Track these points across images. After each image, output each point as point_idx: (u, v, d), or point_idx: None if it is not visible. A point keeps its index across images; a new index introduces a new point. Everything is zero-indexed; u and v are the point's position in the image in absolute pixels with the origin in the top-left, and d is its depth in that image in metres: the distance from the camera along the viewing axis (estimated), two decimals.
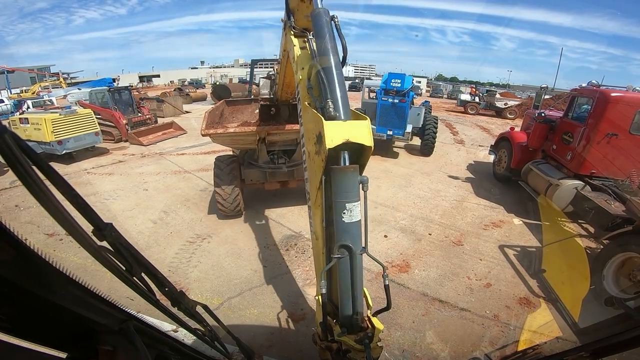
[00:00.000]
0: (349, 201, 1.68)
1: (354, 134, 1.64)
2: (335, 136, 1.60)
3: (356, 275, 1.79)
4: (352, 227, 1.71)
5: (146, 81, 60.96)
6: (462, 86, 45.77)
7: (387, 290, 1.84)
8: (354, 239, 1.73)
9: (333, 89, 1.81)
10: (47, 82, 31.41)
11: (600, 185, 5.58)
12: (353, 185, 1.68)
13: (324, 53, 1.91)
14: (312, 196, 1.96)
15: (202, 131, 5.02)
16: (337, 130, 1.62)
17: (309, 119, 1.90)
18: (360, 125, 1.68)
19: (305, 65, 2.15)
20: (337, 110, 1.76)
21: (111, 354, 0.80)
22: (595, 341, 1.11)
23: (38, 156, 0.56)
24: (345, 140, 1.61)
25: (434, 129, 10.58)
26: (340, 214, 1.69)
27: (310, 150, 1.88)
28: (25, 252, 0.55)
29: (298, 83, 2.25)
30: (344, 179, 1.67)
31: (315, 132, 1.74)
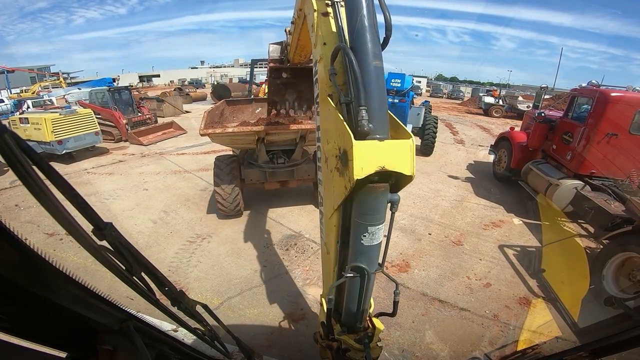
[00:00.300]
0: (372, 224, 1.43)
1: (393, 160, 1.29)
2: (367, 163, 1.26)
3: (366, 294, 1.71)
4: (371, 250, 1.52)
5: (146, 81, 60.94)
6: (462, 86, 45.41)
7: (396, 305, 1.82)
8: (370, 261, 1.56)
9: (370, 93, 1.35)
10: (47, 82, 31.38)
11: (600, 185, 5.58)
12: (381, 206, 1.42)
13: (359, 36, 1.40)
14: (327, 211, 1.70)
15: (201, 131, 5.04)
16: (370, 154, 1.26)
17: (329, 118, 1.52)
18: (402, 148, 1.31)
19: (329, 40, 1.68)
20: (372, 121, 1.31)
21: (111, 354, 0.80)
22: (595, 341, 1.11)
23: (38, 156, 0.56)
24: (380, 169, 1.28)
25: (434, 128, 10.58)
26: (359, 235, 1.47)
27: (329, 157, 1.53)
28: (25, 252, 0.55)
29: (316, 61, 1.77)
30: (371, 199, 1.39)
31: (339, 144, 1.38)
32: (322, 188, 1.77)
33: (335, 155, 1.43)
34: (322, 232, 1.90)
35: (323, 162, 1.68)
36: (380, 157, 1.28)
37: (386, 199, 1.42)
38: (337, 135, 1.40)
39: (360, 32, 1.39)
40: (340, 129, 1.35)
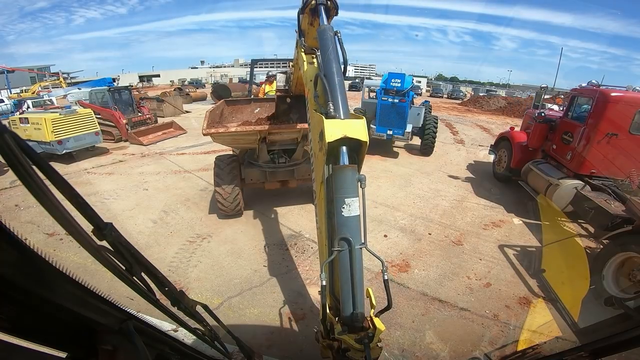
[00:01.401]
0: (347, 196, 1.81)
1: (351, 130, 1.83)
2: (334, 132, 1.80)
3: (355, 268, 1.84)
4: (350, 220, 1.82)
5: (146, 81, 60.91)
6: (462, 86, 44.93)
7: (387, 285, 1.86)
8: (353, 232, 1.83)
9: (334, 92, 2.05)
10: (47, 81, 31.42)
11: (600, 185, 5.58)
12: (352, 182, 1.82)
13: (327, 61, 2.19)
14: (317, 191, 2.15)
15: (204, 130, 5.04)
16: (336, 126, 1.82)
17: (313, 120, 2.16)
18: (357, 123, 1.88)
19: (313, 77, 2.42)
20: (336, 110, 1.98)
21: (111, 354, 0.80)
22: (595, 341, 1.11)
23: (38, 156, 0.56)
24: (343, 136, 1.80)
25: (434, 128, 10.57)
26: (340, 208, 1.82)
27: (315, 148, 2.10)
28: (25, 252, 0.55)
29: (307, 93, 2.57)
30: (343, 176, 1.82)
31: (318, 130, 1.95)
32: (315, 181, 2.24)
33: (317, 141, 1.97)
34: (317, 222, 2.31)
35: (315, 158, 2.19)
36: (343, 129, 1.82)
37: (355, 176, 1.82)
38: (317, 125, 1.98)
39: (327, 62, 2.20)
40: (319, 119, 1.94)
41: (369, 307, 1.95)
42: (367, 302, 1.92)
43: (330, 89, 2.07)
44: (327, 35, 2.30)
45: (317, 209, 2.22)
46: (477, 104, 28.78)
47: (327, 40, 2.28)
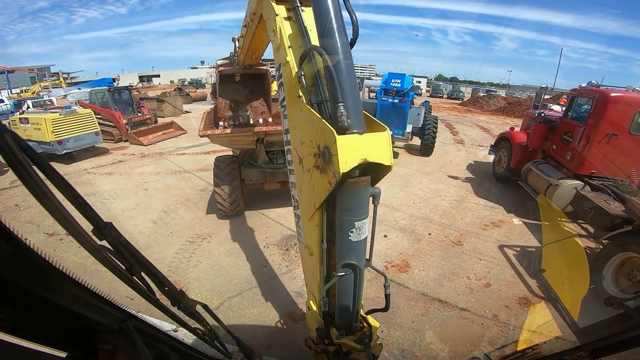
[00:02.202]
0: (358, 219, 1.47)
1: (373, 152, 1.33)
2: (351, 156, 1.28)
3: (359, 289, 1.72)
4: (358, 245, 1.55)
5: (146, 81, 60.89)
6: (462, 86, 44.94)
7: (388, 298, 1.79)
8: (359, 256, 1.59)
9: (345, 89, 1.37)
10: (47, 82, 31.42)
11: (600, 185, 5.58)
12: (365, 200, 1.46)
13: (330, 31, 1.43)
14: (306, 212, 1.68)
15: (200, 132, 5.07)
16: (352, 148, 1.29)
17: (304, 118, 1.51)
18: (380, 140, 1.36)
19: (294, 43, 1.69)
20: (350, 117, 1.35)
21: (111, 354, 0.80)
22: (595, 341, 1.11)
23: (38, 156, 0.56)
24: (363, 161, 1.31)
25: (434, 129, 10.58)
26: (346, 232, 1.50)
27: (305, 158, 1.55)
28: (25, 252, 0.55)
29: (281, 64, 1.75)
30: (355, 194, 1.43)
31: (317, 142, 1.40)
32: (297, 191, 1.78)
33: (314, 154, 1.44)
34: (300, 236, 1.90)
35: (296, 164, 1.69)
36: (362, 150, 1.31)
37: (368, 193, 1.46)
38: (315, 134, 1.41)
39: (330, 33, 1.43)
40: (320, 126, 1.36)
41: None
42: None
43: (340, 81, 1.37)
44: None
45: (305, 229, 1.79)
46: (477, 104, 28.78)
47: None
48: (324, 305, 1.67)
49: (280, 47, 1.78)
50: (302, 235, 1.88)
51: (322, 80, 1.47)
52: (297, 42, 1.69)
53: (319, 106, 1.47)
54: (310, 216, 1.63)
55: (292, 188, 1.87)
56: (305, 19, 1.67)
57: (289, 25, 1.77)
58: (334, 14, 1.44)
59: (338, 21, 1.44)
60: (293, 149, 1.72)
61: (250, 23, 3.03)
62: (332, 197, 1.45)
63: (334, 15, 1.44)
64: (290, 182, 1.89)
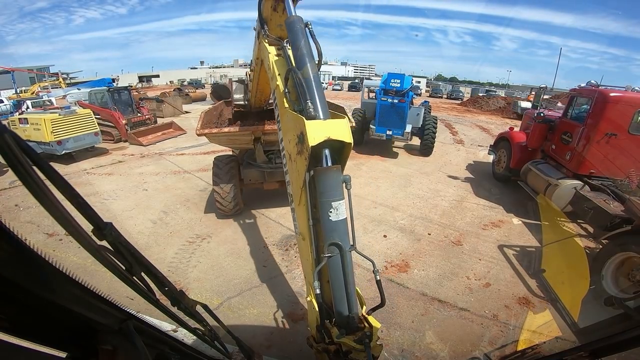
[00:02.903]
0: (334, 200, 1.72)
1: (335, 132, 1.71)
2: (317, 134, 1.66)
3: (348, 272, 1.81)
4: (339, 225, 1.75)
5: (145, 81, 60.87)
6: (461, 86, 45.36)
7: (380, 285, 1.85)
8: (342, 236, 1.77)
9: (312, 91, 1.87)
10: (46, 82, 31.40)
11: (599, 185, 5.59)
12: (337, 184, 1.73)
13: (301, 56, 2.00)
14: (296, 197, 1.99)
15: (197, 131, 5.09)
16: (318, 128, 1.68)
17: (289, 120, 1.94)
18: (340, 123, 1.76)
19: (282, 71, 2.20)
20: (316, 110, 1.82)
21: (111, 354, 0.80)
22: (595, 341, 1.11)
23: (38, 156, 0.56)
24: (327, 138, 1.67)
25: (434, 129, 10.58)
26: (326, 213, 1.74)
27: (292, 151, 1.93)
28: (25, 252, 0.55)
29: (274, 89, 2.29)
30: (328, 178, 1.72)
31: (297, 132, 1.79)
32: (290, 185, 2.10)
33: (295, 143, 1.82)
34: (296, 228, 2.17)
35: (288, 161, 2.05)
36: (326, 130, 1.69)
37: (340, 178, 1.73)
38: (295, 127, 1.80)
39: (301, 57, 2.00)
40: (297, 119, 1.77)
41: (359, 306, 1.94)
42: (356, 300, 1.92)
43: (307, 86, 1.89)
44: (297, 27, 2.09)
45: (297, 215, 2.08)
46: (476, 104, 28.79)
47: (297, 33, 2.07)
48: (315, 288, 1.75)
49: (273, 77, 2.33)
50: (296, 226, 2.13)
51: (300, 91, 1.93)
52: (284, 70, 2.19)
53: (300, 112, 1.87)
54: (299, 199, 1.93)
55: (288, 186, 2.16)
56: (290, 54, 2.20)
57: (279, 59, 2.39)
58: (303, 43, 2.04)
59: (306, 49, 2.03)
60: (286, 150, 2.08)
61: (255, 67, 3.79)
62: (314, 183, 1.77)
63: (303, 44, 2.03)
64: (287, 181, 2.18)
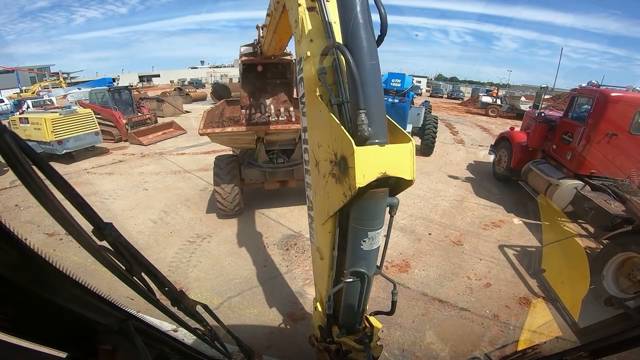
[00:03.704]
0: (372, 229, 1.39)
1: (394, 165, 1.24)
2: (369, 170, 1.21)
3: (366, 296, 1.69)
4: (370, 254, 1.49)
5: (146, 81, 60.87)
6: (462, 86, 45.50)
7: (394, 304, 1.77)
8: (369, 265, 1.53)
9: (369, 95, 1.27)
10: (47, 81, 31.40)
11: (600, 185, 5.58)
12: (381, 211, 1.38)
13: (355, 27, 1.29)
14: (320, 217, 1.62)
15: (200, 130, 5.08)
16: (371, 160, 1.21)
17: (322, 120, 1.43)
18: (403, 152, 1.27)
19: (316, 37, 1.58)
20: (372, 125, 1.25)
21: (111, 354, 0.80)
22: (595, 341, 1.11)
23: (38, 156, 0.56)
24: (382, 175, 1.23)
25: (434, 128, 10.58)
26: (359, 241, 1.43)
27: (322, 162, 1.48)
28: (25, 252, 0.55)
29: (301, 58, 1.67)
30: (371, 205, 1.35)
31: (335, 149, 1.32)
32: (312, 192, 1.72)
33: (330, 160, 1.37)
34: (312, 237, 1.85)
35: (312, 165, 1.63)
36: (382, 163, 1.23)
37: (385, 204, 1.38)
38: (332, 140, 1.34)
39: (355, 30, 1.29)
40: (338, 133, 1.28)
41: None
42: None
43: (362, 85, 1.26)
44: None
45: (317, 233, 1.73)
46: (477, 104, 28.77)
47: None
48: (328, 309, 1.66)
49: (301, 40, 1.69)
50: (314, 237, 1.81)
51: (344, 79, 1.38)
52: (319, 36, 1.58)
53: (339, 107, 1.38)
54: (324, 222, 1.57)
55: (307, 188, 1.80)
56: (329, 11, 1.55)
57: (312, 16, 1.66)
58: (361, 7, 1.29)
59: (365, 16, 1.29)
60: (310, 149, 1.66)
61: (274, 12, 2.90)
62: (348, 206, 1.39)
63: (360, 9, 1.29)
64: (306, 182, 1.81)
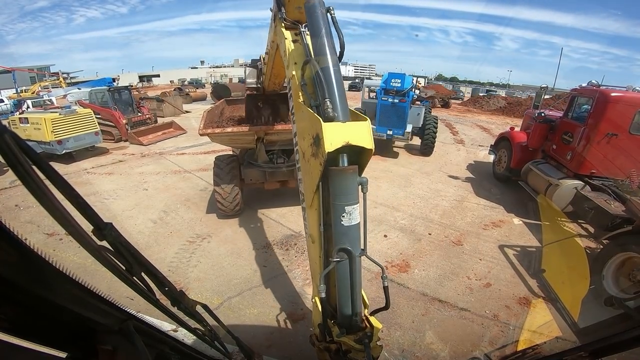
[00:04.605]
0: (348, 204, 1.62)
1: (355, 136, 1.57)
2: (335, 139, 1.52)
3: (355, 278, 1.77)
4: (351, 230, 1.67)
5: (146, 81, 60.86)
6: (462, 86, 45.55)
7: (386, 291, 1.83)
8: (353, 242, 1.69)
9: (331, 89, 1.71)
10: (46, 81, 31.40)
11: (600, 185, 5.58)
12: (352, 187, 1.61)
13: (321, 51, 1.80)
14: (308, 198, 1.88)
15: (200, 131, 5.08)
16: (336, 132, 1.54)
17: (304, 118, 1.82)
18: (361, 127, 1.61)
19: (298, 60, 2.05)
20: (335, 110, 1.65)
21: (111, 354, 0.80)
22: (595, 341, 1.11)
23: (38, 156, 0.56)
24: (346, 143, 1.54)
25: (434, 128, 10.58)
26: (339, 217, 1.64)
27: (306, 150, 1.79)
28: (25, 252, 0.55)
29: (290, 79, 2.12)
30: (343, 180, 1.61)
31: (312, 133, 1.66)
32: (302, 183, 2.00)
33: (310, 143, 1.70)
34: (305, 227, 2.08)
35: (301, 159, 1.93)
36: (345, 134, 1.55)
37: (356, 180, 1.62)
38: (311, 126, 1.68)
39: (321, 48, 1.80)
40: (313, 120, 1.64)
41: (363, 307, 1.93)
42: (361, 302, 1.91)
43: (327, 84, 1.71)
44: (317, 12, 1.87)
45: (307, 216, 1.97)
46: (476, 104, 28.77)
47: (318, 19, 1.84)
48: (321, 292, 1.70)
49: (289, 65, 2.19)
50: (307, 226, 2.04)
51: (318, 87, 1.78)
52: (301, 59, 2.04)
53: (317, 108, 1.76)
54: (311, 202, 1.83)
55: (300, 184, 2.08)
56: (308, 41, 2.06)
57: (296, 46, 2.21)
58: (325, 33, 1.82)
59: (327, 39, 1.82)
60: (299, 147, 1.95)
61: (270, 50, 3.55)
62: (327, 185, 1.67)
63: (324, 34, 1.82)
64: (298, 179, 2.10)
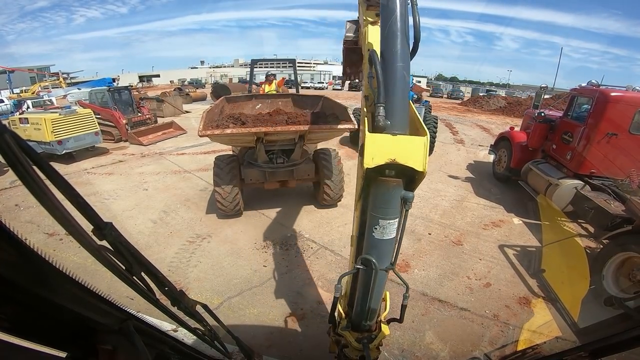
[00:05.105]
0: (384, 217, 1.45)
1: (404, 154, 1.31)
2: (378, 154, 1.31)
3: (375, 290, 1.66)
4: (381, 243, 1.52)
5: (146, 81, 60.88)
6: (462, 86, 45.51)
7: (404, 309, 1.76)
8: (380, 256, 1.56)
9: (390, 91, 1.38)
10: (46, 82, 31.42)
11: (600, 185, 5.58)
12: (392, 201, 1.43)
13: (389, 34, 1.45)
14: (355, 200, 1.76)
15: (200, 132, 5.08)
16: (382, 146, 1.31)
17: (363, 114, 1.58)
18: (415, 143, 1.32)
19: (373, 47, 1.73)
20: (389, 118, 1.35)
21: (111, 354, 0.80)
22: (595, 341, 1.11)
23: (38, 156, 0.56)
24: (390, 161, 1.31)
25: (434, 128, 10.58)
26: (371, 227, 1.50)
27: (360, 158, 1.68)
28: (25, 252, 0.55)
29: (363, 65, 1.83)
30: (383, 192, 1.42)
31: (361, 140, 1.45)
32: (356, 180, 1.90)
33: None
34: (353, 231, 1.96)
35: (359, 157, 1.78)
36: (392, 150, 1.31)
37: (399, 195, 1.41)
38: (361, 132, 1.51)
39: (389, 36, 1.45)
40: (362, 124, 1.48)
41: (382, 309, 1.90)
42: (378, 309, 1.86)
43: (385, 82, 1.39)
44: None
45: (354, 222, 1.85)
46: (476, 104, 28.79)
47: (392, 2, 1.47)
48: (336, 291, 1.67)
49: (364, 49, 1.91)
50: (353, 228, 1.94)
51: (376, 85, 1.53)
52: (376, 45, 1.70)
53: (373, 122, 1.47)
54: (355, 205, 1.73)
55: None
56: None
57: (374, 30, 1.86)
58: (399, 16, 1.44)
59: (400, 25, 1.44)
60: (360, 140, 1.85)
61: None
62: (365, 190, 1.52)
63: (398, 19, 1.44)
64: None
